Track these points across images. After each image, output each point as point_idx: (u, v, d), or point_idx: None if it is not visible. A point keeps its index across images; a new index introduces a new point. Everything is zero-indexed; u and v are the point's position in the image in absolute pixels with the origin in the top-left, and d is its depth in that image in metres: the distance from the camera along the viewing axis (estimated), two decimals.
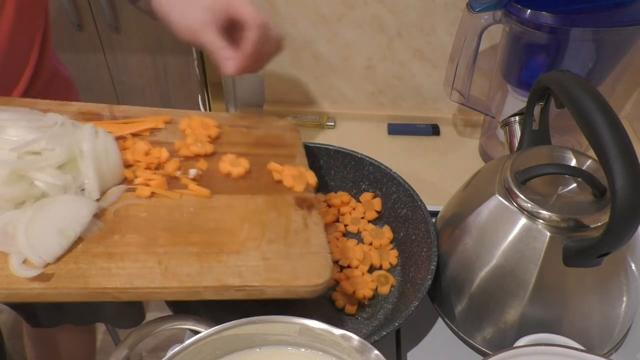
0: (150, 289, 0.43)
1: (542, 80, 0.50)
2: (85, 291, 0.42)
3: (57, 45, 0.74)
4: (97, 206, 0.47)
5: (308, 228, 0.50)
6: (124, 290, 0.42)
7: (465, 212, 0.55)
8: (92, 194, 0.48)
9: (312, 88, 0.88)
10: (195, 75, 0.92)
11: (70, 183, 0.47)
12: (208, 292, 0.44)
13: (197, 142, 0.57)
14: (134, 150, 0.54)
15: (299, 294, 0.46)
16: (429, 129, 0.88)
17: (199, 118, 0.60)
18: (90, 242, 0.45)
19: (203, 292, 0.44)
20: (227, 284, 0.44)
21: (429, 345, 0.57)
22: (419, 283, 0.55)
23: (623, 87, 0.84)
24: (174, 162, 0.54)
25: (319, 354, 0.42)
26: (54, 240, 0.43)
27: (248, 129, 0.62)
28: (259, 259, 0.47)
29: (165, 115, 0.59)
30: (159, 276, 0.43)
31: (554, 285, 0.49)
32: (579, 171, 0.49)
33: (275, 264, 0.46)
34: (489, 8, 0.67)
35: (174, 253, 0.45)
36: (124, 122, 0.57)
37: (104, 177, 0.49)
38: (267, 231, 0.49)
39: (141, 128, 0.57)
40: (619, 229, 0.41)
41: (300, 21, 0.80)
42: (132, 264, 0.44)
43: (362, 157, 0.68)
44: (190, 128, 0.59)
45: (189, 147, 0.56)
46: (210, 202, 0.51)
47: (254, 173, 0.56)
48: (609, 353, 0.55)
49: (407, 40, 0.81)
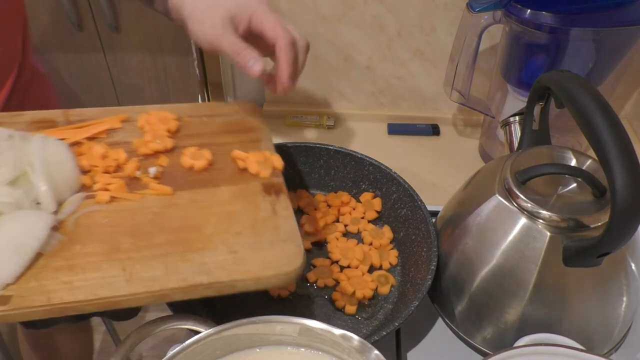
0: (115, 298, 0.41)
1: (542, 80, 0.50)
2: (49, 307, 0.40)
3: (57, 45, 0.74)
4: (54, 218, 0.45)
5: (277, 214, 0.49)
6: (88, 302, 0.41)
7: (465, 212, 0.55)
8: (47, 206, 0.46)
9: (312, 88, 0.88)
10: (195, 75, 0.92)
11: (23, 198, 0.45)
12: (176, 294, 0.43)
13: (155, 138, 0.55)
14: (90, 155, 0.52)
15: (271, 284, 0.45)
16: (429, 129, 0.88)
17: (156, 113, 0.58)
18: (51, 256, 0.43)
19: (171, 294, 0.42)
20: (195, 283, 0.43)
21: (429, 345, 0.57)
22: (419, 283, 0.55)
23: (623, 87, 0.84)
24: (132, 162, 0.52)
25: (319, 354, 0.42)
26: (11, 259, 0.41)
27: (209, 118, 0.60)
28: (227, 252, 0.45)
29: (122, 114, 0.57)
30: (123, 284, 0.42)
31: (554, 285, 0.49)
32: (579, 171, 0.49)
33: (243, 256, 0.45)
34: (489, 8, 0.67)
35: (138, 258, 0.44)
36: (79, 126, 0.55)
37: (58, 188, 0.47)
38: (234, 223, 0.48)
39: (97, 131, 0.55)
40: (619, 229, 0.41)
41: (300, 21, 0.80)
42: (94, 274, 0.42)
43: (362, 157, 0.68)
44: (149, 124, 0.56)
45: (147, 144, 0.54)
46: (173, 199, 0.50)
47: (217, 164, 0.54)
48: (609, 353, 0.55)
49: (407, 40, 0.81)
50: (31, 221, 0.44)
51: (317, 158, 0.69)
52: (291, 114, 0.89)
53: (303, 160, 0.70)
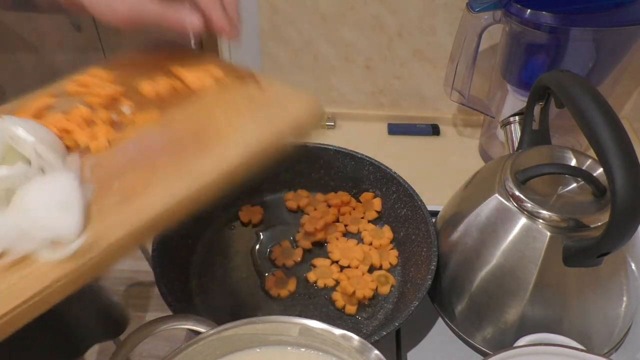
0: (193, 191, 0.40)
1: (542, 80, 0.50)
2: (137, 228, 0.38)
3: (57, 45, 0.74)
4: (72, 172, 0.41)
5: (264, 88, 0.50)
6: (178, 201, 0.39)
7: (465, 212, 0.55)
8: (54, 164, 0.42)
9: (312, 88, 0.88)
10: None
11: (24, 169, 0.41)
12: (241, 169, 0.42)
13: (101, 87, 0.50)
14: (50, 124, 0.46)
15: (308, 127, 0.46)
16: (429, 129, 0.88)
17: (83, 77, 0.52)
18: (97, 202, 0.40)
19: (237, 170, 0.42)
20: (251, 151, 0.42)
21: (429, 345, 0.57)
22: (419, 283, 0.55)
23: (623, 87, 0.84)
24: (101, 111, 0.48)
25: (319, 354, 0.42)
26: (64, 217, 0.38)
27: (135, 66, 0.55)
28: (253, 124, 0.45)
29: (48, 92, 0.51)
30: (190, 181, 0.41)
31: (554, 285, 0.49)
32: (579, 171, 0.49)
33: (271, 119, 0.45)
34: (489, 8, 0.67)
35: (182, 162, 0.43)
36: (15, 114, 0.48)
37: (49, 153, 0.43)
38: (239, 108, 0.47)
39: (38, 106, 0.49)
40: (619, 229, 0.41)
41: (300, 21, 0.80)
42: (155, 189, 0.40)
43: (362, 157, 0.68)
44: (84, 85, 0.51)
45: (98, 94, 0.49)
46: (167, 120, 0.47)
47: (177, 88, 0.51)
48: (609, 353, 0.55)
49: (407, 40, 0.81)
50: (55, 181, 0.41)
51: (317, 158, 0.69)
52: None
53: (303, 160, 0.70)
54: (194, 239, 0.64)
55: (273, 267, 0.62)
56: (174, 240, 0.60)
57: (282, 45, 0.83)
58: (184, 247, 0.62)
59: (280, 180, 0.71)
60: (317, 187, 0.71)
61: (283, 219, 0.68)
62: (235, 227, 0.67)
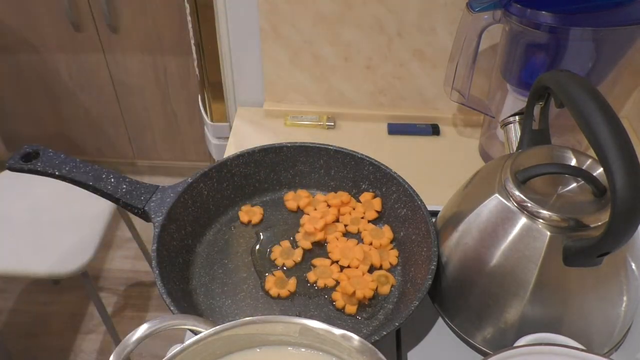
0: None
1: (542, 80, 0.50)
2: None
3: (57, 46, 0.74)
4: None
5: None
6: None
7: (465, 212, 0.55)
8: None
9: (312, 88, 0.88)
10: (195, 75, 0.92)
11: None
12: None
13: None
14: None
15: None
16: (429, 129, 0.88)
17: None
18: None
19: None
20: None
21: (429, 345, 0.57)
22: (419, 283, 0.55)
23: (622, 87, 0.84)
24: None
25: (319, 354, 0.42)
26: None
27: None
28: None
29: None
30: None
31: (554, 285, 0.49)
32: (579, 171, 0.49)
33: None
34: (488, 8, 0.67)
35: None
36: None
37: None
38: None
39: None
40: (619, 229, 0.41)
41: (300, 21, 0.80)
42: None
43: (362, 157, 0.68)
44: None
45: None
46: None
47: None
48: (609, 353, 0.55)
49: (407, 40, 0.81)
50: None
51: (317, 158, 0.69)
52: (291, 114, 0.89)
53: (303, 160, 0.70)
54: (194, 239, 0.64)
55: (273, 267, 0.62)
56: (174, 240, 0.60)
57: (282, 45, 0.83)
58: (184, 247, 0.62)
59: (280, 180, 0.71)
60: (317, 187, 0.71)
61: (283, 219, 0.68)
62: (235, 227, 0.67)
